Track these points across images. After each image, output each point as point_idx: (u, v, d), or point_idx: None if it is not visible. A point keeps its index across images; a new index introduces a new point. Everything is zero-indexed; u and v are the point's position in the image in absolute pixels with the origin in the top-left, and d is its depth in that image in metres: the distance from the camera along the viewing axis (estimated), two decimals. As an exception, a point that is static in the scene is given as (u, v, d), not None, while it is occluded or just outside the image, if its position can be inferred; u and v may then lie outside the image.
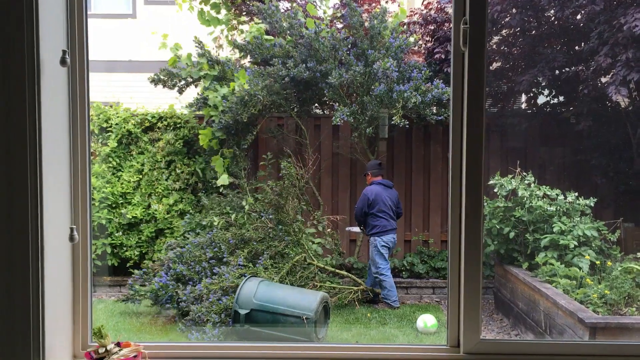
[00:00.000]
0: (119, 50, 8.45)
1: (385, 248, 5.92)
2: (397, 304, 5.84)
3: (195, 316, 4.94)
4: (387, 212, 6.00)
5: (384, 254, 5.89)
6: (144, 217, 6.47)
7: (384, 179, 6.16)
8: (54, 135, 2.05)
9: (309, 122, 6.82)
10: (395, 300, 5.84)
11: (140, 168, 6.59)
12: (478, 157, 2.11)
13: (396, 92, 6.04)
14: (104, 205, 6.40)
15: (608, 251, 5.35)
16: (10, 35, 1.89)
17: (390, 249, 6.03)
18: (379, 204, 5.98)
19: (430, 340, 5.13)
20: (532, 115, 6.73)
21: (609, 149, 6.23)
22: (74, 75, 2.16)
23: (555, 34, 6.36)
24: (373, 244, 5.94)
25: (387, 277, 5.85)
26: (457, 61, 2.12)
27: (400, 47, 6.34)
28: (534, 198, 5.48)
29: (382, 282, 5.86)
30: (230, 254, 5.59)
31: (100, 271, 6.45)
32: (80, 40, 2.15)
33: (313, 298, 4.89)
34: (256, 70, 6.37)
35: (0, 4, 1.88)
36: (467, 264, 2.13)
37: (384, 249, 5.90)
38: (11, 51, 1.89)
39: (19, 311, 1.93)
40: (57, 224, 2.08)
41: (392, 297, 5.82)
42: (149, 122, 6.71)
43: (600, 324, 4.09)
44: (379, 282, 5.91)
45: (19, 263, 1.92)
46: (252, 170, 6.67)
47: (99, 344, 2.10)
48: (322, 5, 7.34)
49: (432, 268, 6.52)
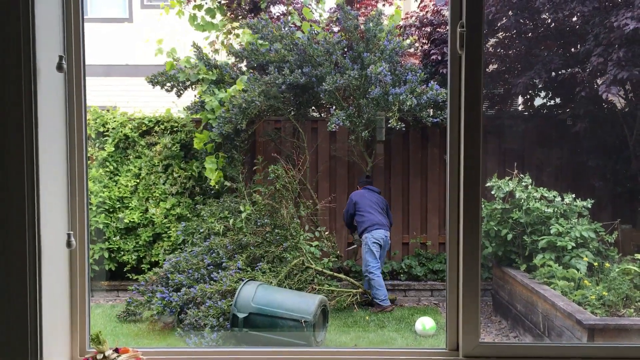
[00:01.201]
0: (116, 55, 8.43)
1: (377, 245, 5.89)
2: (386, 302, 5.80)
3: (193, 320, 4.92)
4: (374, 208, 6.04)
5: (374, 251, 5.86)
6: (141, 221, 6.45)
7: (370, 186, 6.27)
8: (50, 141, 2.04)
9: (306, 125, 6.82)
10: (384, 299, 5.81)
11: (138, 172, 6.58)
12: (476, 160, 2.11)
13: (392, 95, 6.04)
14: (101, 210, 6.39)
15: (606, 253, 5.36)
16: (7, 41, 1.89)
17: (383, 247, 5.98)
18: (364, 203, 6.07)
19: (428, 343, 5.12)
20: (529, 117, 6.75)
21: (606, 150, 6.24)
22: (70, 80, 2.15)
23: (552, 36, 6.38)
24: (364, 241, 5.95)
25: (376, 276, 5.83)
26: (454, 64, 2.13)
27: (394, 49, 6.34)
28: (531, 200, 5.49)
29: (371, 281, 5.85)
30: (229, 259, 5.58)
31: (97, 276, 6.43)
32: (77, 46, 2.15)
33: (311, 301, 4.88)
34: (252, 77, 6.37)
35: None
36: (466, 266, 2.12)
37: (375, 246, 5.88)
38: (7, 57, 1.89)
39: (16, 317, 1.92)
40: (54, 230, 2.07)
41: (380, 296, 5.81)
42: (146, 126, 6.71)
43: (599, 326, 4.09)
44: (368, 281, 5.91)
45: (17, 269, 1.91)
46: (250, 174, 6.67)
47: (97, 349, 2.09)
48: (317, 8, 7.36)
49: (430, 270, 6.52)
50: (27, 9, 1.90)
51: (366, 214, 6.02)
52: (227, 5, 7.32)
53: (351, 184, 6.84)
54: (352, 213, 6.14)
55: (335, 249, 6.37)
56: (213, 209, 6.19)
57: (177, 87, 6.62)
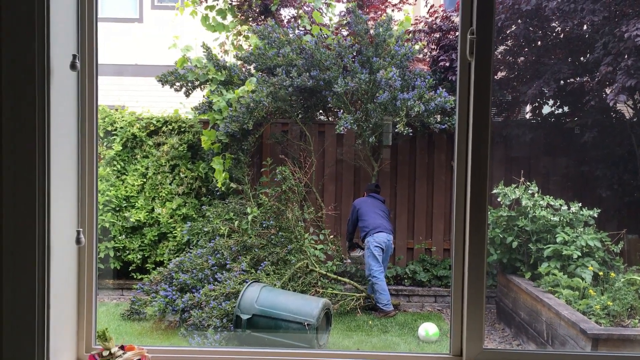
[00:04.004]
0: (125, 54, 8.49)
1: (379, 249, 5.86)
2: (389, 307, 5.79)
3: (197, 321, 4.94)
4: (376, 212, 6.03)
5: (377, 255, 5.83)
6: (147, 220, 6.48)
7: (376, 194, 6.26)
8: (62, 139, 2.07)
9: (313, 129, 6.84)
10: (387, 304, 5.79)
11: (145, 172, 6.61)
12: (483, 166, 2.12)
13: (400, 100, 6.05)
14: (108, 209, 6.42)
15: (611, 262, 5.34)
16: (22, 40, 1.91)
17: (386, 252, 5.94)
18: (366, 209, 6.06)
19: (431, 349, 5.11)
20: (537, 125, 6.74)
21: (614, 160, 6.22)
22: (83, 79, 2.18)
23: (561, 45, 6.38)
24: (367, 245, 5.94)
25: (379, 280, 5.81)
26: (464, 71, 2.14)
27: (405, 55, 6.35)
28: (537, 208, 5.48)
29: (374, 285, 5.84)
30: (233, 260, 5.60)
31: (102, 274, 6.46)
32: (90, 45, 2.18)
33: (315, 304, 4.89)
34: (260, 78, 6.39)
35: (12, 8, 1.90)
36: (471, 273, 2.13)
37: (377, 250, 5.84)
38: (22, 56, 1.91)
39: (24, 313, 1.93)
40: (63, 227, 2.09)
41: (383, 301, 5.79)
42: (153, 126, 6.74)
43: (603, 336, 4.08)
44: (371, 285, 5.90)
45: (26, 264, 1.93)
46: (257, 176, 6.69)
47: (103, 346, 2.11)
48: (328, 12, 7.38)
49: (434, 276, 6.51)
50: (42, 8, 1.92)
51: (368, 218, 6.00)
52: (237, 7, 7.36)
53: (357, 188, 6.84)
54: (356, 220, 6.11)
55: (339, 252, 6.38)
56: (219, 210, 6.21)
57: (186, 87, 6.65)
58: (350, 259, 6.36)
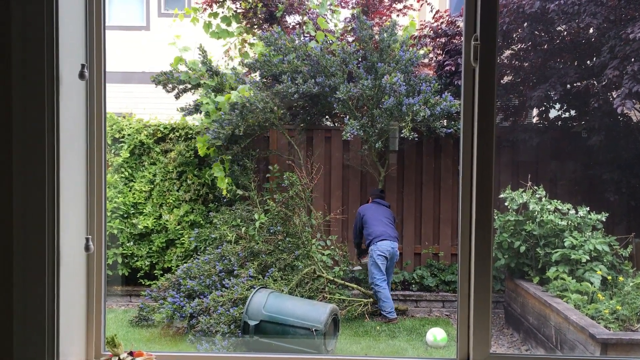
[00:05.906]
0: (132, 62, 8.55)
1: (382, 257, 5.81)
2: (392, 315, 5.76)
3: (205, 327, 4.95)
4: (381, 220, 6.00)
5: (379, 264, 5.79)
6: (155, 227, 6.52)
7: (381, 200, 6.25)
8: (71, 147, 2.09)
9: (319, 134, 6.86)
10: (390, 311, 5.77)
11: (152, 178, 6.65)
12: (489, 171, 2.13)
13: (405, 105, 6.06)
14: (116, 215, 6.46)
15: (620, 266, 5.31)
16: (31, 49, 1.94)
17: (390, 259, 5.89)
18: (371, 216, 6.03)
19: (439, 355, 5.10)
20: (544, 129, 6.72)
21: (621, 163, 6.20)
22: (91, 88, 2.20)
23: (567, 48, 6.37)
24: (370, 254, 5.92)
25: (382, 289, 5.78)
26: (468, 76, 2.15)
27: (410, 60, 6.36)
28: (545, 212, 5.46)
29: (377, 294, 5.82)
30: (240, 266, 5.61)
31: (111, 281, 6.50)
32: (98, 54, 2.20)
33: (322, 310, 4.89)
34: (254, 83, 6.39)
35: (22, 20, 1.93)
36: (477, 277, 2.13)
37: (380, 259, 5.80)
38: (31, 65, 1.94)
39: (34, 319, 1.96)
40: (73, 234, 2.11)
41: (387, 309, 5.77)
42: (161, 133, 6.79)
43: (612, 340, 4.05)
44: (374, 293, 5.89)
45: (36, 271, 1.95)
46: (263, 183, 6.71)
47: (112, 352, 2.12)
48: (333, 18, 7.40)
49: (442, 281, 6.49)
50: (51, 17, 1.95)
51: (372, 226, 5.96)
52: (243, 14, 7.40)
53: (364, 193, 6.85)
54: (361, 227, 6.09)
55: (346, 258, 6.38)
56: (226, 216, 6.24)
57: (177, 89, 6.67)
58: (361, 265, 6.34)
